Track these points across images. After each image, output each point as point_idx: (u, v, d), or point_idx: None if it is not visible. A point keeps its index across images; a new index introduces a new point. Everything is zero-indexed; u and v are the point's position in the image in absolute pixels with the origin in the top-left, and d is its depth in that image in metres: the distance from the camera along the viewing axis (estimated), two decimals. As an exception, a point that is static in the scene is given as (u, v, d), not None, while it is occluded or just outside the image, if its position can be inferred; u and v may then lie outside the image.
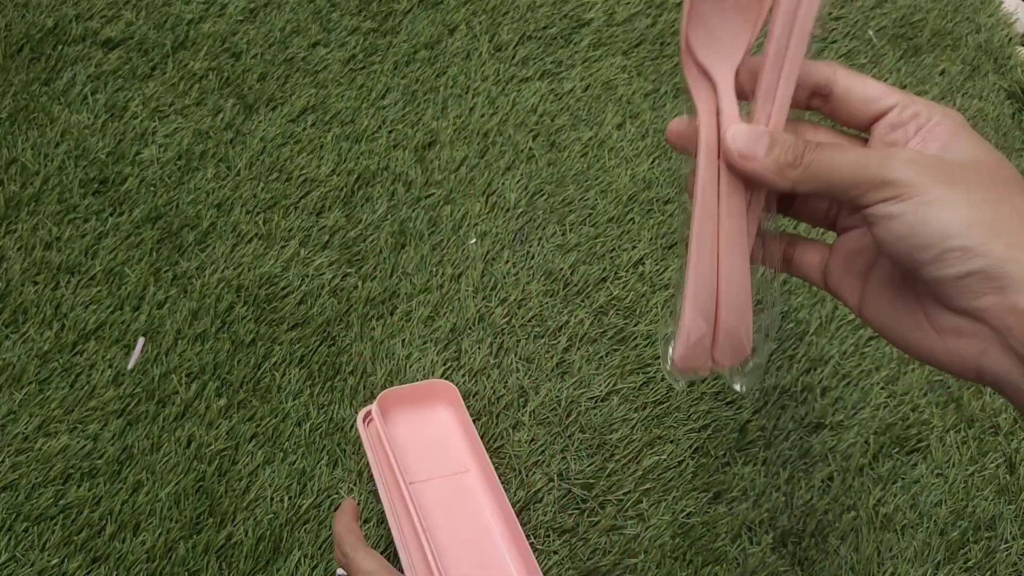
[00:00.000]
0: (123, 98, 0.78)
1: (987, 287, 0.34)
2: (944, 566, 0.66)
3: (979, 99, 0.88)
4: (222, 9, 0.84)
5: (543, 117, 0.82)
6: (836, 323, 0.75)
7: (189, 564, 0.62)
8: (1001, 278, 0.34)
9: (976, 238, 0.34)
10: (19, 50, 0.79)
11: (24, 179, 0.74)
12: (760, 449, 0.69)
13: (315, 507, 0.64)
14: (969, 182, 0.35)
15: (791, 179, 0.38)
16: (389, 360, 0.70)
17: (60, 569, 0.61)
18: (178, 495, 0.64)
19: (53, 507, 0.63)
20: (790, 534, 0.67)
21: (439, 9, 0.86)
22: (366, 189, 0.77)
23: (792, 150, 0.38)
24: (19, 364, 0.67)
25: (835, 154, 0.37)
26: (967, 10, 0.93)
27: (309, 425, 0.67)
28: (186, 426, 0.66)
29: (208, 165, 0.76)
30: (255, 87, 0.80)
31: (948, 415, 0.72)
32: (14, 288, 0.70)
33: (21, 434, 0.65)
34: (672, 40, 0.87)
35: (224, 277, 0.72)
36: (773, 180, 0.38)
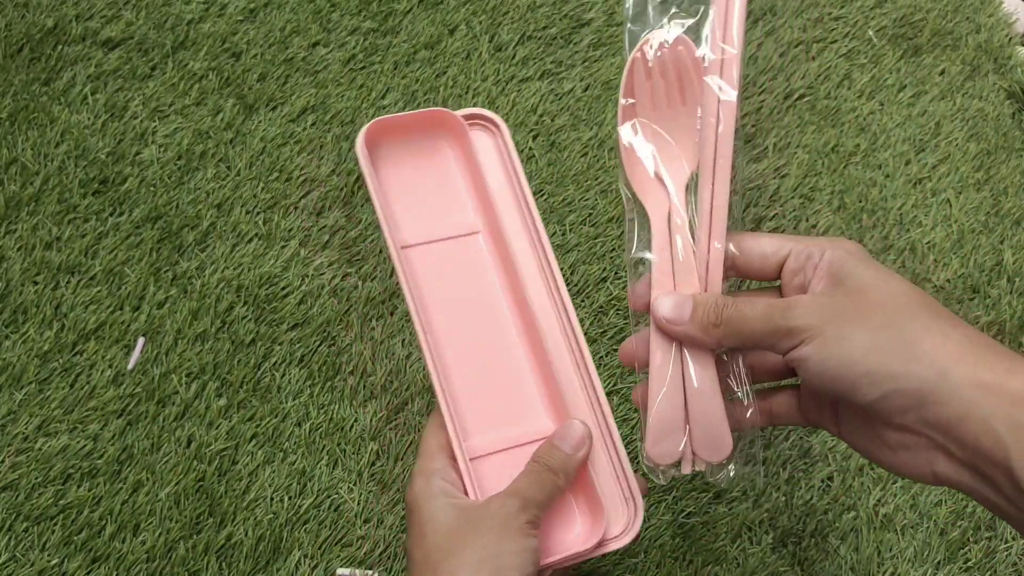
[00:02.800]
0: (123, 98, 0.78)
1: (905, 405, 0.36)
2: (944, 566, 0.66)
3: (979, 99, 0.88)
4: (222, 9, 0.84)
5: (543, 117, 0.82)
6: (836, 323, 0.75)
7: (189, 564, 0.62)
8: (912, 394, 0.35)
9: (876, 362, 0.36)
10: (19, 50, 0.79)
11: (24, 179, 0.74)
12: (760, 449, 0.69)
13: (315, 507, 0.64)
14: (862, 311, 0.37)
15: (716, 337, 0.41)
16: (389, 360, 0.70)
17: (60, 569, 0.61)
18: (178, 495, 0.64)
19: (53, 507, 0.63)
20: (790, 534, 0.67)
21: (439, 9, 0.86)
22: (366, 189, 0.77)
23: (713, 310, 0.41)
24: (19, 364, 0.67)
25: (746, 310, 0.40)
26: (967, 10, 0.92)
27: (309, 425, 0.67)
28: (186, 426, 0.66)
29: (208, 165, 0.76)
30: (255, 87, 0.80)
31: (948, 415, 0.72)
32: (14, 288, 0.70)
33: (21, 434, 0.65)
34: (672, 40, 0.87)
35: (224, 277, 0.72)
36: (701, 340, 0.42)
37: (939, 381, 0.34)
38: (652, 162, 0.44)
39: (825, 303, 0.38)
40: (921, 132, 0.85)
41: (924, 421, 0.35)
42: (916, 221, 0.80)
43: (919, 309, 0.37)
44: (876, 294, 0.37)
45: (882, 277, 0.38)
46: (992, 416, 0.33)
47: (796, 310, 0.38)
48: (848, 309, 0.37)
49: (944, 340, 0.35)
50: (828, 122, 0.85)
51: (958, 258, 0.79)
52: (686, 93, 0.44)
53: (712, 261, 0.43)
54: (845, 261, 0.39)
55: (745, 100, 0.85)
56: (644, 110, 0.44)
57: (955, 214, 0.81)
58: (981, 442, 0.34)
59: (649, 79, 0.44)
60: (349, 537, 0.64)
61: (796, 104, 0.85)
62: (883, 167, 0.83)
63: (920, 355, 0.35)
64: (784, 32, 0.89)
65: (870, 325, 0.36)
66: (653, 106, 0.44)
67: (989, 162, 0.84)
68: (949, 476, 0.36)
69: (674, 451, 0.44)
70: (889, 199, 0.81)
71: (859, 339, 0.36)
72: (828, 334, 0.37)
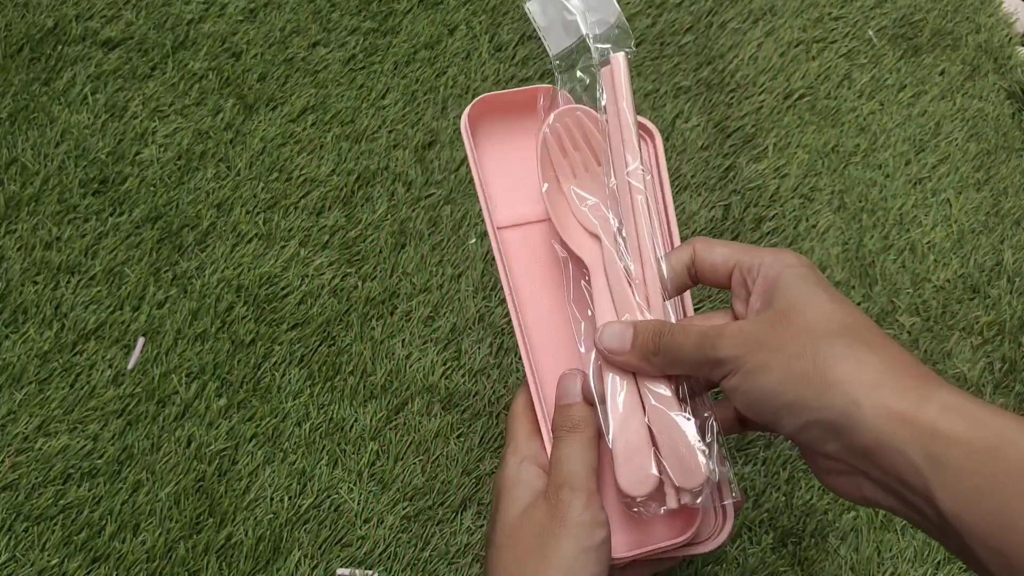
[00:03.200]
0: (123, 98, 0.78)
1: (824, 435, 0.36)
2: (944, 566, 0.66)
3: (979, 99, 0.88)
4: (222, 9, 0.84)
5: (543, 117, 0.82)
6: (836, 323, 0.75)
7: (189, 564, 0.62)
8: (828, 425, 0.35)
9: (794, 393, 0.36)
10: (19, 50, 0.79)
11: (24, 179, 0.74)
12: (760, 449, 0.69)
13: (315, 507, 0.64)
14: (782, 339, 0.37)
15: (657, 365, 0.41)
16: (389, 360, 0.70)
17: (60, 569, 0.61)
18: (178, 495, 0.64)
19: (53, 507, 0.63)
20: (790, 534, 0.67)
21: (439, 9, 0.86)
22: (366, 189, 0.77)
23: (652, 338, 0.41)
24: (19, 364, 0.67)
25: (680, 339, 0.40)
26: (967, 10, 0.92)
27: (309, 425, 0.67)
28: (186, 426, 0.66)
29: (208, 165, 0.76)
30: (255, 87, 0.80)
31: (948, 415, 0.72)
32: (14, 288, 0.70)
33: (21, 434, 0.65)
34: (672, 40, 0.87)
35: (224, 277, 0.72)
36: (644, 369, 0.42)
37: (852, 411, 0.34)
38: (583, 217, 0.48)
39: (750, 331, 0.38)
40: (921, 132, 0.85)
41: (845, 449, 0.35)
42: (916, 221, 0.80)
43: (838, 334, 0.36)
44: (799, 318, 0.37)
45: (809, 297, 0.37)
46: (908, 448, 0.33)
47: (723, 340, 0.38)
48: (769, 337, 0.37)
49: (858, 367, 0.35)
50: (828, 122, 0.85)
51: (958, 258, 0.79)
52: (598, 154, 0.48)
53: (651, 290, 0.44)
54: (780, 277, 0.39)
55: (745, 100, 0.85)
56: (566, 179, 0.48)
57: (955, 214, 0.81)
58: (900, 473, 0.33)
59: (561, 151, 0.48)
60: (349, 537, 0.64)
61: (796, 104, 0.85)
62: (883, 167, 0.83)
63: (832, 384, 0.34)
64: (784, 32, 0.89)
65: (787, 353, 0.36)
66: (574, 174, 0.48)
67: (989, 162, 0.84)
68: (877, 500, 0.36)
69: (645, 477, 0.43)
70: (889, 199, 0.81)
71: (777, 370, 0.36)
72: (750, 365, 0.37)
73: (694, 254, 0.43)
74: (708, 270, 0.43)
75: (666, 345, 0.40)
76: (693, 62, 0.86)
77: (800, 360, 0.36)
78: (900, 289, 0.77)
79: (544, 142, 0.47)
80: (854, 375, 0.35)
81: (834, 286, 0.42)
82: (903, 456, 0.33)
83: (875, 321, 0.75)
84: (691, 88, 0.85)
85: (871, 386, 0.34)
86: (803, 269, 0.39)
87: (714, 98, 0.84)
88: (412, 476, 0.66)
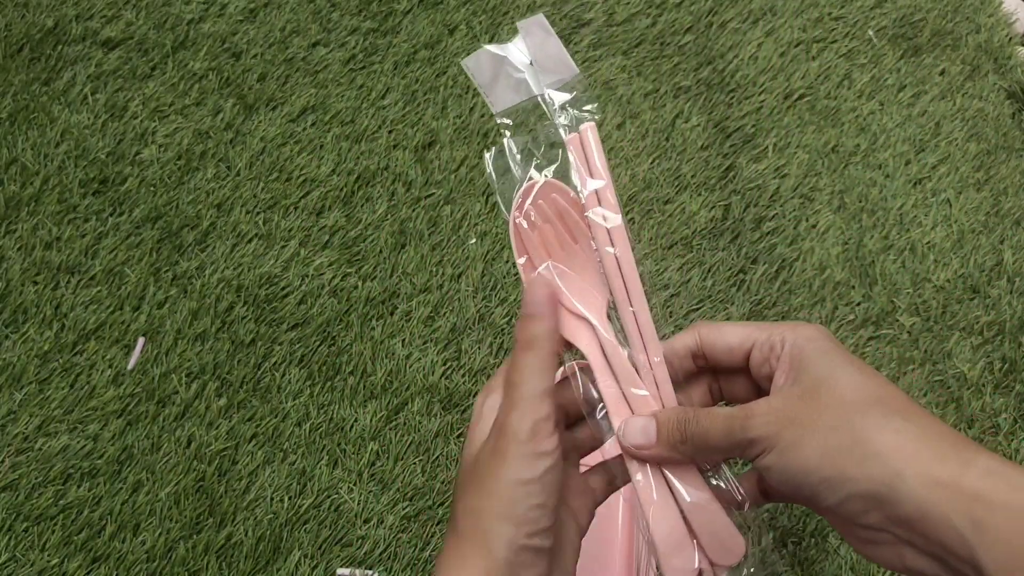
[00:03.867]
0: (123, 98, 0.78)
1: (865, 507, 0.36)
2: (944, 566, 0.66)
3: (979, 99, 0.88)
4: (222, 9, 0.83)
5: (543, 117, 0.82)
6: (836, 323, 0.75)
7: (189, 564, 0.62)
8: (870, 497, 0.35)
9: (833, 468, 0.35)
10: (19, 50, 0.79)
11: (24, 179, 0.74)
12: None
13: (315, 507, 0.64)
14: (815, 413, 0.37)
15: (686, 453, 0.41)
16: (389, 360, 0.70)
17: (60, 569, 0.61)
18: (178, 495, 0.64)
19: (53, 507, 0.63)
20: (790, 534, 0.67)
21: (439, 9, 0.86)
22: (366, 189, 0.77)
23: (676, 427, 0.40)
24: (19, 364, 0.67)
25: (707, 424, 0.40)
26: (967, 10, 0.92)
27: (309, 425, 0.67)
28: (186, 426, 0.66)
29: (208, 165, 0.76)
30: (255, 87, 0.80)
31: (948, 415, 0.71)
32: (14, 288, 0.69)
33: (21, 434, 0.65)
34: (672, 40, 0.87)
35: (224, 277, 0.72)
36: (673, 459, 0.42)
37: (894, 482, 0.34)
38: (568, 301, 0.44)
39: (780, 408, 0.38)
40: (921, 132, 0.85)
41: (887, 519, 0.35)
42: (916, 221, 0.80)
43: (872, 405, 0.36)
44: (829, 392, 0.37)
45: (838, 370, 0.38)
46: (952, 514, 0.33)
47: (753, 420, 0.38)
48: (802, 413, 0.37)
49: (896, 437, 0.35)
50: (828, 122, 0.85)
51: (958, 258, 0.79)
52: (574, 232, 0.45)
53: (659, 377, 0.43)
54: (803, 351, 0.39)
55: (745, 100, 0.85)
56: (541, 260, 0.45)
57: (955, 214, 0.81)
58: (944, 540, 0.33)
59: (535, 231, 0.45)
60: (349, 537, 0.64)
61: (796, 104, 0.85)
62: (883, 167, 0.83)
63: (872, 456, 0.35)
64: (784, 32, 0.89)
65: (823, 428, 0.36)
66: (549, 254, 0.45)
67: (989, 162, 0.84)
68: (921, 568, 0.36)
69: (690, 566, 0.43)
70: (889, 199, 0.81)
71: (813, 445, 0.36)
72: (784, 442, 0.37)
73: (699, 339, 0.43)
74: (723, 353, 0.42)
75: (693, 433, 0.40)
76: (693, 62, 0.86)
77: (837, 433, 0.36)
78: (900, 289, 0.77)
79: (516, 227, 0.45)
80: (894, 445, 0.35)
81: None
82: (947, 523, 0.33)
83: (875, 321, 0.75)
84: (691, 88, 0.85)
85: (912, 455, 0.34)
86: (827, 343, 0.39)
87: (714, 98, 0.84)
88: (412, 476, 0.66)
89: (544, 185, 0.44)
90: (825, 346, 0.39)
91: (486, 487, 0.38)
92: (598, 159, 0.43)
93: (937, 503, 0.33)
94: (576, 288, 0.45)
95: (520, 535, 0.37)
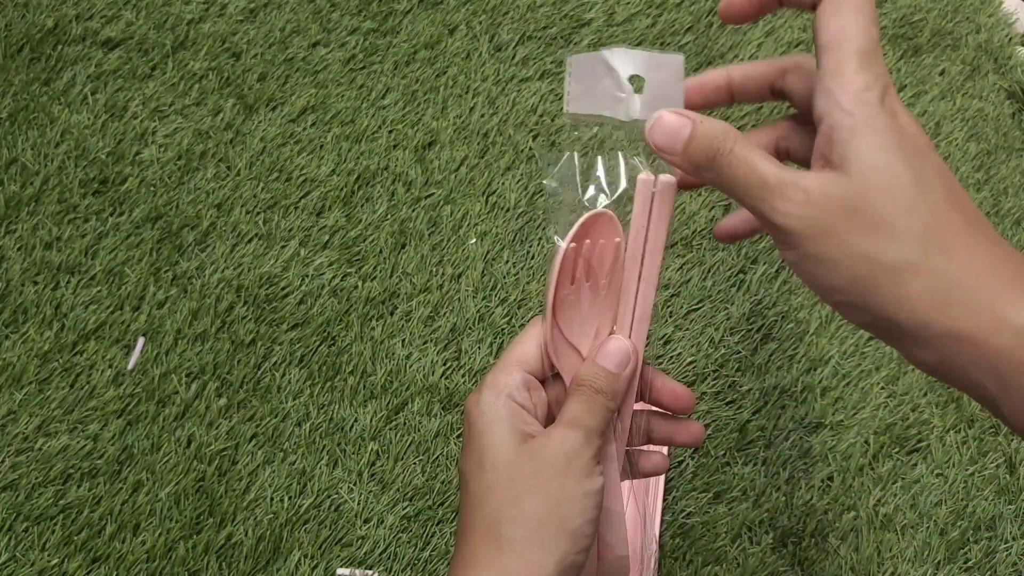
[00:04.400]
0: (123, 98, 0.78)
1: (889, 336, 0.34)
2: (944, 566, 0.66)
3: (979, 99, 0.88)
4: (222, 9, 0.83)
5: (543, 117, 0.82)
6: (836, 323, 0.75)
7: (189, 564, 0.62)
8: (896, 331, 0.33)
9: (859, 298, 0.33)
10: (19, 50, 0.79)
11: (24, 179, 0.74)
12: (760, 449, 0.69)
13: (315, 507, 0.64)
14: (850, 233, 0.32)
15: (705, 179, 0.37)
16: (389, 360, 0.70)
17: (60, 569, 0.61)
18: (178, 495, 0.64)
19: (53, 507, 0.63)
20: (790, 534, 0.67)
21: (439, 9, 0.86)
22: (366, 189, 0.77)
23: (706, 153, 0.36)
24: (19, 364, 0.67)
25: (738, 171, 0.35)
26: (967, 10, 0.92)
27: (309, 425, 0.67)
28: (186, 426, 0.66)
29: (208, 165, 0.76)
30: (255, 87, 0.80)
31: (948, 415, 0.72)
32: (14, 288, 0.70)
33: (21, 434, 0.65)
34: (672, 40, 0.87)
35: (224, 277, 0.72)
36: (688, 173, 0.37)
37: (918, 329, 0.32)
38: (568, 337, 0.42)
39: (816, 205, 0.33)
40: (921, 132, 0.85)
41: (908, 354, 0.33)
42: (916, 221, 0.80)
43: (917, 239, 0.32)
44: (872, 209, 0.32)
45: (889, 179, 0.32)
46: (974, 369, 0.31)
47: (783, 205, 0.33)
48: (838, 227, 0.32)
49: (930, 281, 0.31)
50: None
51: (958, 258, 0.79)
52: (609, 275, 0.42)
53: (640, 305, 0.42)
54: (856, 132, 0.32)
55: (745, 100, 0.85)
56: (569, 294, 0.42)
57: (955, 214, 0.81)
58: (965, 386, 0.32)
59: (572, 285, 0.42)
60: (349, 537, 0.64)
61: (796, 104, 0.85)
62: (883, 167, 0.83)
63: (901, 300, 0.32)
64: (784, 32, 0.89)
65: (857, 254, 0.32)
66: (577, 290, 0.42)
67: (989, 162, 0.84)
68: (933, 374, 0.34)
69: None
70: (889, 199, 0.81)
71: (843, 269, 0.32)
72: (812, 251, 0.33)
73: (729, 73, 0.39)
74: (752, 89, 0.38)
75: (720, 169, 0.35)
76: (693, 62, 0.86)
77: (869, 265, 0.32)
78: (900, 289, 0.77)
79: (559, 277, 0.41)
80: (924, 292, 0.32)
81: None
82: (968, 376, 0.32)
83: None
84: (691, 88, 0.85)
85: (942, 305, 0.31)
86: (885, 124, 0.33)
87: (714, 98, 0.84)
88: (412, 476, 0.66)
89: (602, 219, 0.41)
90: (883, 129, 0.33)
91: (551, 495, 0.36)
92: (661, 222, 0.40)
93: (958, 357, 0.31)
94: (580, 316, 0.42)
95: (572, 551, 0.36)
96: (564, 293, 0.41)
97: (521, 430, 0.39)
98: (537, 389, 0.41)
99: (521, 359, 0.41)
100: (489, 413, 0.39)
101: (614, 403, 0.40)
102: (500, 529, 0.36)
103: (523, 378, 0.41)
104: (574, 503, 0.36)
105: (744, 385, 0.72)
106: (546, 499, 0.36)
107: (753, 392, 0.71)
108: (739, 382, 0.72)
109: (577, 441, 0.37)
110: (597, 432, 0.39)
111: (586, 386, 0.40)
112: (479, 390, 0.41)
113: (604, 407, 0.39)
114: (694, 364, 0.72)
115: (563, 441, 0.38)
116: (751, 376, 0.72)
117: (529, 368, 0.41)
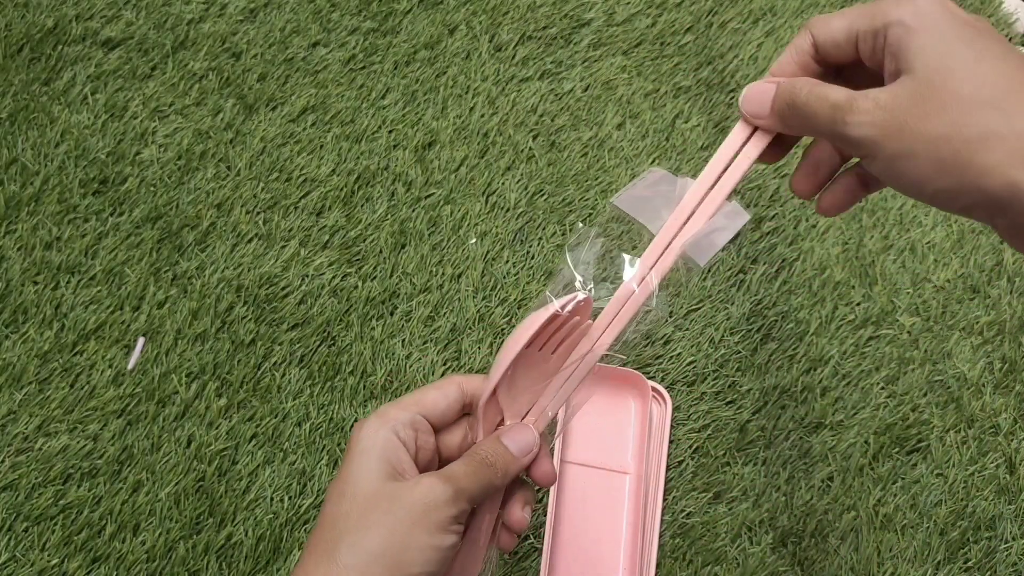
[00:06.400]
0: (123, 98, 0.78)
1: (990, 213, 0.34)
2: (944, 566, 0.66)
3: (979, 99, 0.88)
4: (222, 9, 0.84)
5: (543, 117, 0.82)
6: (836, 323, 0.75)
7: (189, 564, 0.62)
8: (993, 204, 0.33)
9: (947, 181, 0.33)
10: (19, 50, 0.79)
11: (24, 179, 0.74)
12: (760, 449, 0.69)
13: (315, 507, 0.64)
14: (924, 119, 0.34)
15: (791, 128, 0.40)
16: (389, 360, 0.70)
17: (60, 569, 0.61)
18: (178, 495, 0.64)
19: (53, 507, 0.63)
20: (790, 534, 0.67)
21: (439, 9, 0.86)
22: (366, 189, 0.77)
23: (787, 101, 0.39)
24: (19, 364, 0.67)
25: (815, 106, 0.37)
26: (967, 10, 0.93)
27: (309, 425, 0.67)
28: (186, 426, 0.66)
29: (208, 165, 0.76)
30: (255, 87, 0.80)
31: (948, 415, 0.72)
32: (14, 288, 0.70)
33: (21, 434, 0.65)
34: (672, 40, 0.87)
35: (224, 277, 0.72)
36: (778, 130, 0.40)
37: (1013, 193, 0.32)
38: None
39: (887, 107, 0.34)
40: (921, 132, 0.85)
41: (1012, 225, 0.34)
42: (916, 221, 0.80)
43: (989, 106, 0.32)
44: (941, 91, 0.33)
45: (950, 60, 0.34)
46: None
47: (855, 117, 0.35)
48: (911, 117, 0.33)
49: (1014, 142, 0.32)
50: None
51: (958, 258, 0.79)
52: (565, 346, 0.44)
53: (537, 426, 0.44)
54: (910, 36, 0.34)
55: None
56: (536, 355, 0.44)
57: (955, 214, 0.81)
58: None
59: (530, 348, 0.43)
60: (349, 537, 0.64)
61: (796, 104, 0.85)
62: (883, 167, 0.83)
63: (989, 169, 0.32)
64: (784, 32, 0.89)
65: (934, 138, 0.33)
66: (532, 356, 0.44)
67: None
68: None
69: None
70: (889, 199, 0.81)
71: (924, 157, 0.33)
72: (891, 151, 0.34)
73: (812, 37, 0.40)
74: (833, 50, 0.39)
75: (799, 108, 0.38)
76: (693, 62, 0.86)
77: (949, 144, 0.33)
78: (900, 289, 0.77)
79: (548, 320, 0.43)
80: (1010, 153, 0.32)
81: None
82: None
83: (875, 321, 0.75)
84: (691, 88, 0.85)
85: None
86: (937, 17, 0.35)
87: (714, 98, 0.84)
88: (412, 476, 0.66)
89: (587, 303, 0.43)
90: (935, 23, 0.35)
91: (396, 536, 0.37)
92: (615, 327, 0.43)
93: None
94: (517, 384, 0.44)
95: None
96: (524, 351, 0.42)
97: (392, 466, 0.39)
98: (426, 433, 0.42)
99: (421, 402, 0.42)
100: (366, 441, 0.40)
101: (502, 482, 0.41)
102: (338, 553, 0.36)
103: (413, 418, 0.41)
104: (419, 552, 0.37)
105: (744, 385, 0.72)
106: (390, 538, 0.37)
107: (753, 392, 0.71)
108: (739, 382, 0.72)
109: (443, 495, 0.38)
110: (468, 496, 0.39)
111: (481, 456, 0.41)
112: (368, 417, 0.41)
113: (489, 481, 0.41)
114: (694, 364, 0.72)
115: (429, 490, 0.38)
116: (751, 376, 0.72)
117: (425, 413, 0.42)
